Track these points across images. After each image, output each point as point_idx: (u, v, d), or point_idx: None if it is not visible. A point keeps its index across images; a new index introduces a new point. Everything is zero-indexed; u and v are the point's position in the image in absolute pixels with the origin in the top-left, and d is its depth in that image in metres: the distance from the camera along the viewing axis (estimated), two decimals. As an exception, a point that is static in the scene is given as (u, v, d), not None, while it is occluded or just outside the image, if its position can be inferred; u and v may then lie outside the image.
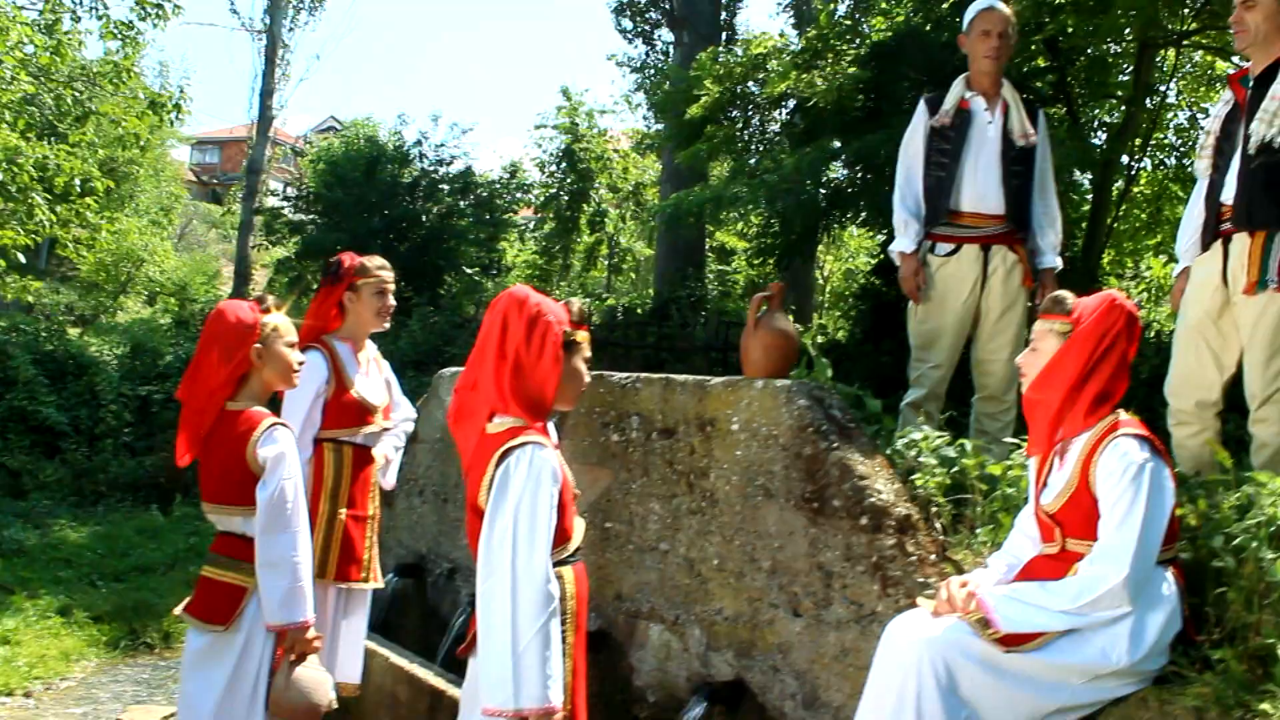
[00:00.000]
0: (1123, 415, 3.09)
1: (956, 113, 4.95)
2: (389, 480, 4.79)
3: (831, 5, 12.65)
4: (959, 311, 4.87)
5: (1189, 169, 12.65)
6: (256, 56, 19.75)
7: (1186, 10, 10.41)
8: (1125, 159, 12.15)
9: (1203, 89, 12.78)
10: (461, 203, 16.83)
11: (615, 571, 4.71)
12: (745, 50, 12.53)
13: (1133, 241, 13.10)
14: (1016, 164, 4.92)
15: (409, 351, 11.22)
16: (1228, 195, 4.19)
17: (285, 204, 16.22)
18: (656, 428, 4.53)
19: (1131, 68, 11.71)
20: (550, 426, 3.17)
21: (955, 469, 3.78)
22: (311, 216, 15.84)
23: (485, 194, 17.98)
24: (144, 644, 7.12)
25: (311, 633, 3.43)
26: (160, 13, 12.50)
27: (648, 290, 18.62)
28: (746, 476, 4.08)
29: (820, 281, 19.40)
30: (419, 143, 16.85)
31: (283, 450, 3.41)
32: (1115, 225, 12.89)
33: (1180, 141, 12.98)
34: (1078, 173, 11.61)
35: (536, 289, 3.12)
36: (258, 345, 3.54)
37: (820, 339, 13.10)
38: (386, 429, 4.67)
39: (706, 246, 18.10)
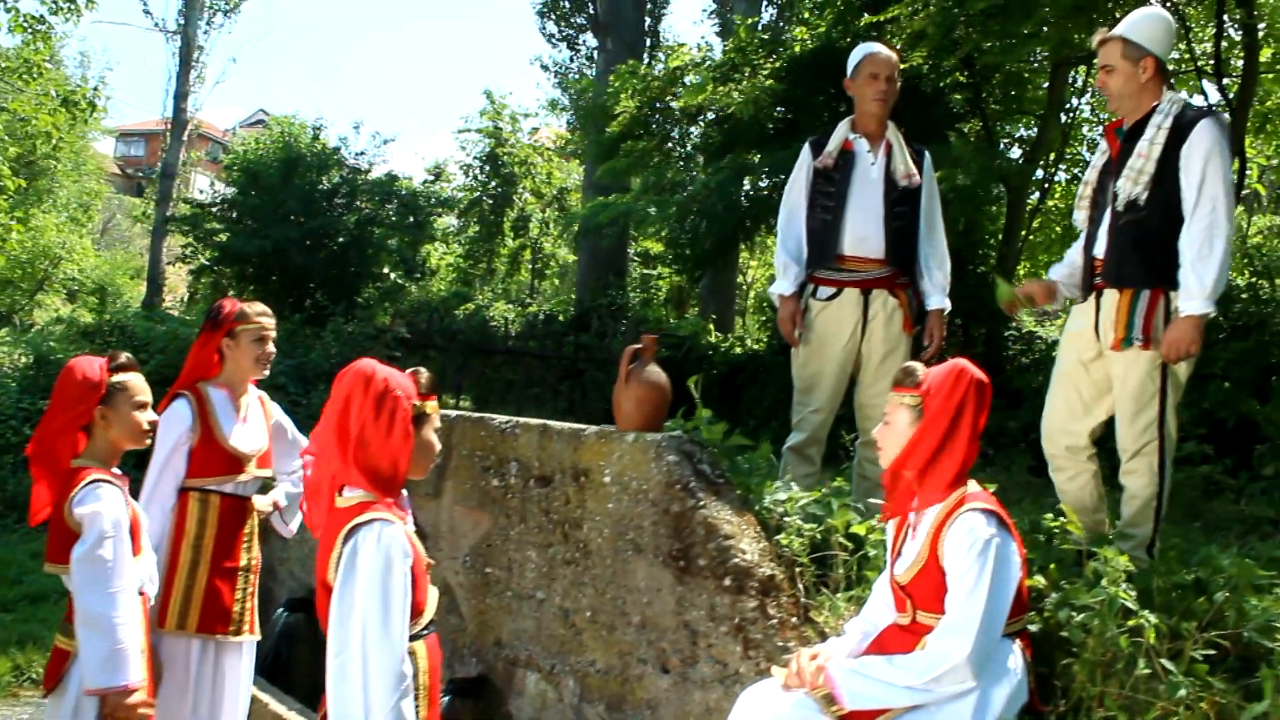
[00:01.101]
0: (972, 488, 3.10)
1: (840, 154, 4.94)
2: (291, 527, 4.69)
3: (752, 19, 12.66)
4: (839, 356, 4.86)
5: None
6: (171, 58, 19.44)
7: (1105, 25, 10.50)
8: (1039, 173, 12.31)
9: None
10: (383, 210, 16.58)
11: (495, 617, 4.66)
12: (665, 62, 12.52)
13: (1047, 254, 13.26)
14: (899, 205, 4.91)
15: (321, 364, 11.04)
16: (1099, 249, 4.24)
17: (200, 211, 15.81)
18: (534, 475, 4.49)
19: (1046, 84, 11.84)
20: (404, 496, 3.11)
21: (822, 526, 3.77)
22: (226, 224, 15.52)
23: (408, 196, 17.77)
24: (29, 679, 6.86)
25: (138, 697, 3.32)
26: (73, 6, 12.24)
27: (571, 295, 18.58)
28: (618, 530, 4.05)
29: (744, 287, 19.47)
30: (338, 149, 16.60)
31: (98, 509, 3.32)
32: (1030, 238, 13.05)
33: (1092, 156, 13.11)
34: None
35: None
36: (101, 405, 3.45)
37: (738, 349, 13.14)
38: (261, 477, 4.57)
39: (629, 253, 18.08)
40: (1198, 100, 11.14)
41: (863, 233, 4.84)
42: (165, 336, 10.52)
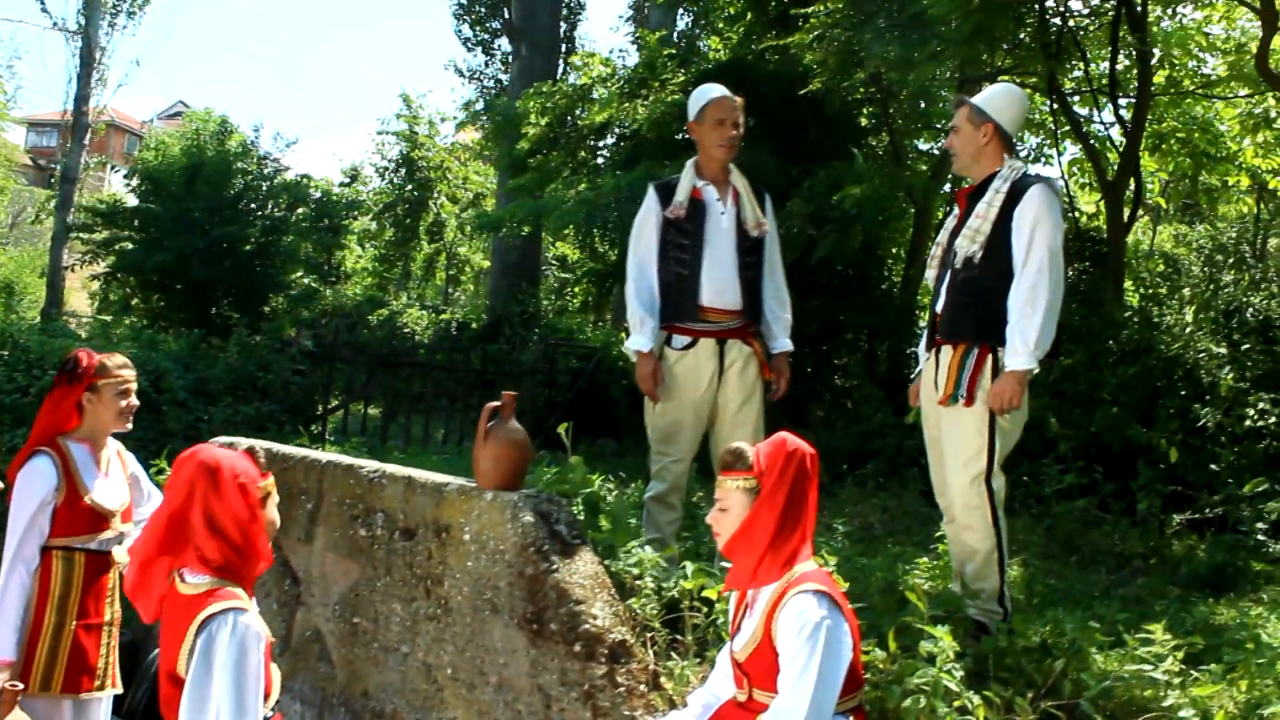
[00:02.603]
0: (808, 566, 3.11)
1: (690, 203, 4.90)
2: None
3: (661, 31, 12.65)
4: (696, 405, 4.83)
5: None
6: (71, 59, 18.93)
7: (1004, 48, 10.63)
8: (946, 188, 12.43)
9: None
10: (291, 215, 16.29)
11: (363, 668, 4.62)
12: (575, 74, 12.50)
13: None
14: (750, 255, 4.90)
15: (224, 378, 10.83)
16: (939, 306, 4.41)
17: (99, 219, 15.38)
18: (399, 527, 4.45)
19: (951, 98, 11.96)
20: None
21: (675, 589, 3.77)
22: (127, 232, 15.16)
23: (323, 198, 17.53)
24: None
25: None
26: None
27: (486, 301, 18.48)
28: (476, 589, 4.03)
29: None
30: (245, 152, 16.26)
31: None
32: (936, 252, 13.17)
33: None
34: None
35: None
36: None
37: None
38: (124, 532, 4.48)
39: (543, 260, 18.04)
40: (1106, 112, 11.35)
41: (720, 285, 4.82)
42: (60, 352, 10.29)
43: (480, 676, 3.99)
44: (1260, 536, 6.33)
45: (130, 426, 4.47)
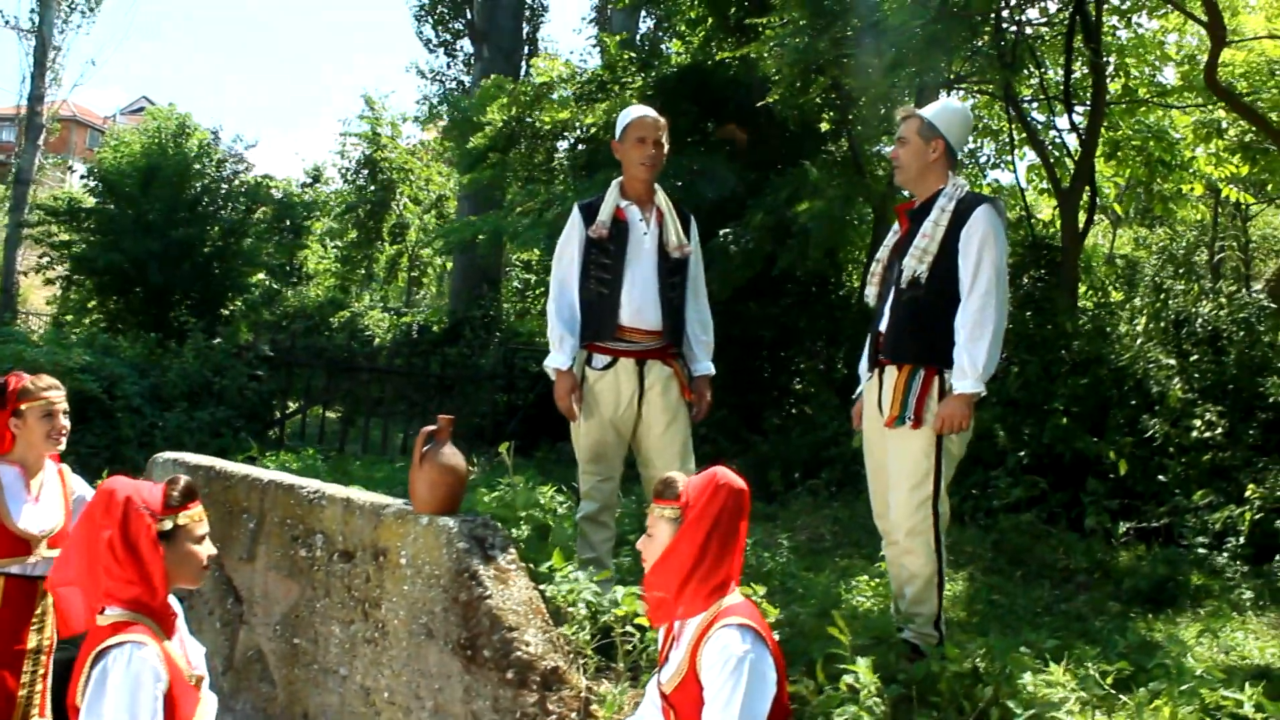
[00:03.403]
0: (733, 599, 3.10)
1: (614, 223, 4.89)
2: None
3: (622, 35, 12.64)
4: (618, 425, 4.80)
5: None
6: (24, 58, 18.63)
7: (963, 56, 10.69)
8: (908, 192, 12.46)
9: (979, 130, 13.20)
10: (248, 219, 16.09)
11: (303, 689, 4.60)
12: (534, 76, 12.46)
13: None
14: (673, 276, 4.89)
15: (179, 384, 10.76)
16: (883, 326, 4.38)
17: (52, 219, 15.12)
18: (338, 549, 4.43)
19: (914, 101, 12.02)
20: (174, 603, 3.05)
21: (607, 615, 3.78)
22: (83, 234, 14.94)
23: (285, 199, 17.39)
24: None
25: None
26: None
27: (448, 303, 18.40)
28: (412, 613, 4.02)
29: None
30: (204, 153, 16.06)
31: None
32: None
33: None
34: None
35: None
36: None
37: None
38: (52, 557, 4.42)
39: (506, 261, 17.97)
40: (1063, 119, 11.43)
41: (640, 305, 4.80)
42: (10, 358, 10.20)
43: (416, 701, 3.98)
44: (1200, 550, 6.39)
45: (63, 446, 4.43)
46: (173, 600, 3.05)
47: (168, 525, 2.94)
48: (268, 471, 5.10)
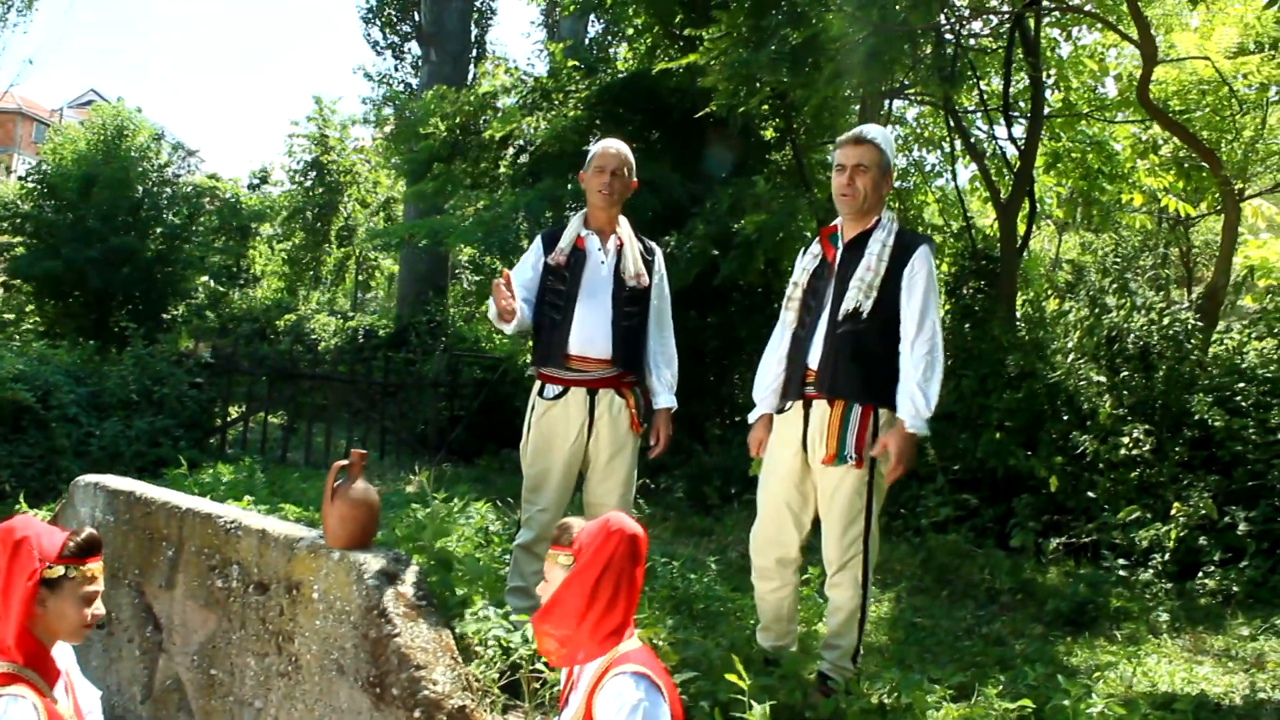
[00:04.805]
0: (629, 646, 3.10)
1: (572, 251, 4.89)
2: None
3: (567, 41, 12.62)
4: (566, 455, 4.81)
5: (910, 213, 13.20)
6: (-42, 57, 18.27)
7: (905, 66, 10.74)
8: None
9: (922, 139, 13.30)
10: (190, 225, 15.85)
11: (219, 720, 4.57)
12: (478, 85, 12.41)
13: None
14: (629, 305, 4.87)
15: (118, 391, 10.62)
16: (813, 359, 4.27)
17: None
18: (253, 581, 4.40)
19: (857, 109, 12.07)
20: (66, 650, 3.01)
21: (515, 654, 3.78)
22: (20, 238, 14.69)
23: (232, 200, 17.21)
24: None
25: None
26: None
27: (395, 307, 18.32)
28: (324, 648, 4.00)
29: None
30: (145, 157, 15.81)
31: None
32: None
33: (900, 183, 13.45)
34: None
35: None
36: None
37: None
38: None
39: (454, 263, 17.89)
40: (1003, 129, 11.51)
41: (590, 333, 4.79)
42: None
43: (328, 736, 3.97)
44: (1122, 572, 6.47)
45: None
46: (66, 649, 3.02)
47: (57, 573, 2.90)
48: (187, 499, 5.05)
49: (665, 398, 4.97)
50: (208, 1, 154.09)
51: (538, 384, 4.88)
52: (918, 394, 4.06)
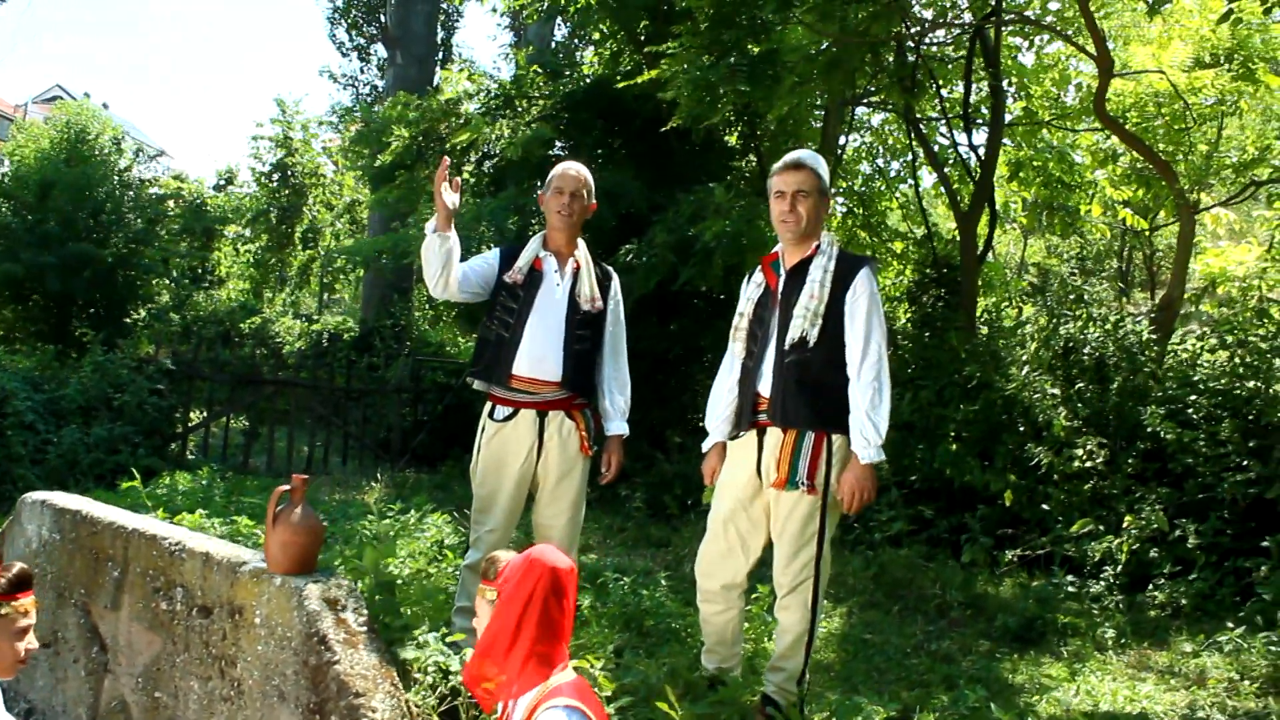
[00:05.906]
0: (561, 678, 3.11)
1: (530, 271, 4.88)
2: None
3: (530, 47, 12.60)
4: (515, 477, 4.80)
5: (874, 220, 13.26)
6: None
7: (867, 74, 10.78)
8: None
9: (886, 146, 13.36)
10: (153, 229, 15.66)
11: (164, 743, 4.55)
12: (441, 91, 12.36)
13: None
14: (581, 329, 4.87)
15: (76, 398, 10.53)
16: (764, 386, 4.29)
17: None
18: (197, 604, 4.39)
19: (823, 117, 12.12)
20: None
21: (455, 681, 3.78)
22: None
23: (198, 202, 17.08)
24: None
25: None
26: None
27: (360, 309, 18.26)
28: (266, 674, 3.99)
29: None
30: (105, 160, 15.64)
31: None
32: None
33: (866, 190, 13.51)
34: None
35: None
36: None
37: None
38: None
39: (416, 270, 17.78)
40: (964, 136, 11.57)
41: (541, 353, 4.78)
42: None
43: (269, 762, 3.96)
44: (1071, 588, 6.52)
45: None
46: None
47: None
48: (134, 518, 5.02)
49: (618, 424, 4.96)
50: (177, 1, 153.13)
51: (489, 405, 4.88)
52: (867, 424, 4.07)
